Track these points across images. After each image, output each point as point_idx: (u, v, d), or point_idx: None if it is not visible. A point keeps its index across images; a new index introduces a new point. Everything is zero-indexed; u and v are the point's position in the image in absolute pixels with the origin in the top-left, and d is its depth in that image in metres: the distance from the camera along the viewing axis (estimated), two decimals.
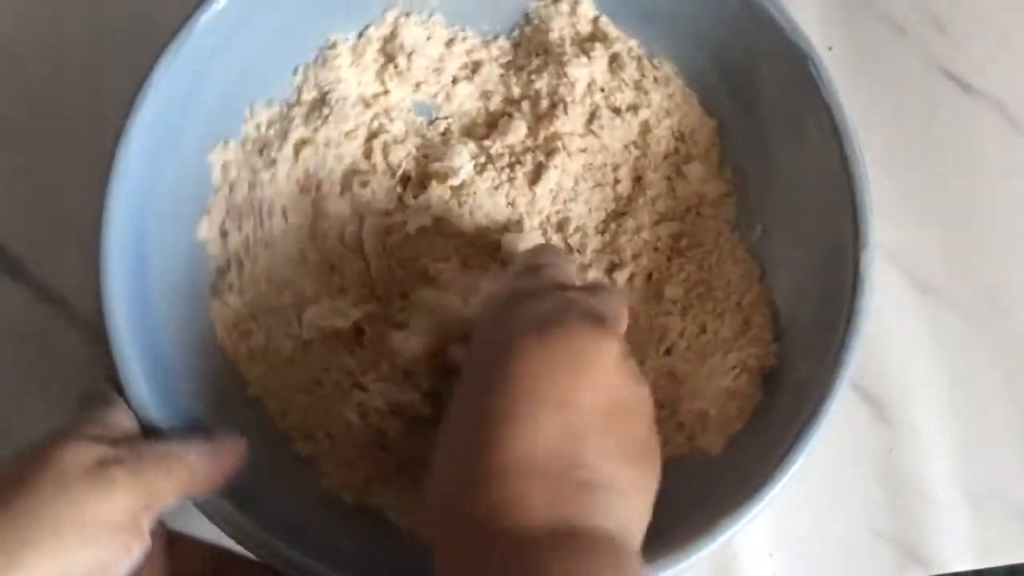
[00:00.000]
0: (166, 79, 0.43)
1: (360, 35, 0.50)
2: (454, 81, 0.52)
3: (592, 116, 0.51)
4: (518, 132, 0.50)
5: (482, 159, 0.50)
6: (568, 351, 0.35)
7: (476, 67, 0.52)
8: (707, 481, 0.44)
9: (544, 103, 0.50)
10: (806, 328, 0.46)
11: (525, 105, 0.51)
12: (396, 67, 0.51)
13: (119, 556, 0.35)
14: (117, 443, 0.37)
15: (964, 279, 0.56)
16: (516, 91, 0.51)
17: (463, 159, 0.50)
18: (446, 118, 0.52)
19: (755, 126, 0.49)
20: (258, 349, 0.46)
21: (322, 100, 0.50)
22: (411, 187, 0.50)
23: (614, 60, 0.51)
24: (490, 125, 0.52)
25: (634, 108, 0.51)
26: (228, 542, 0.41)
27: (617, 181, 0.51)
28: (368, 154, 0.50)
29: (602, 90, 0.51)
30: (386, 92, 0.51)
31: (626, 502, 0.34)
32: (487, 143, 0.51)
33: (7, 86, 0.54)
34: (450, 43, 0.52)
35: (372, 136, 0.50)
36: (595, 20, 0.51)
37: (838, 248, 0.45)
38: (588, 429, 0.34)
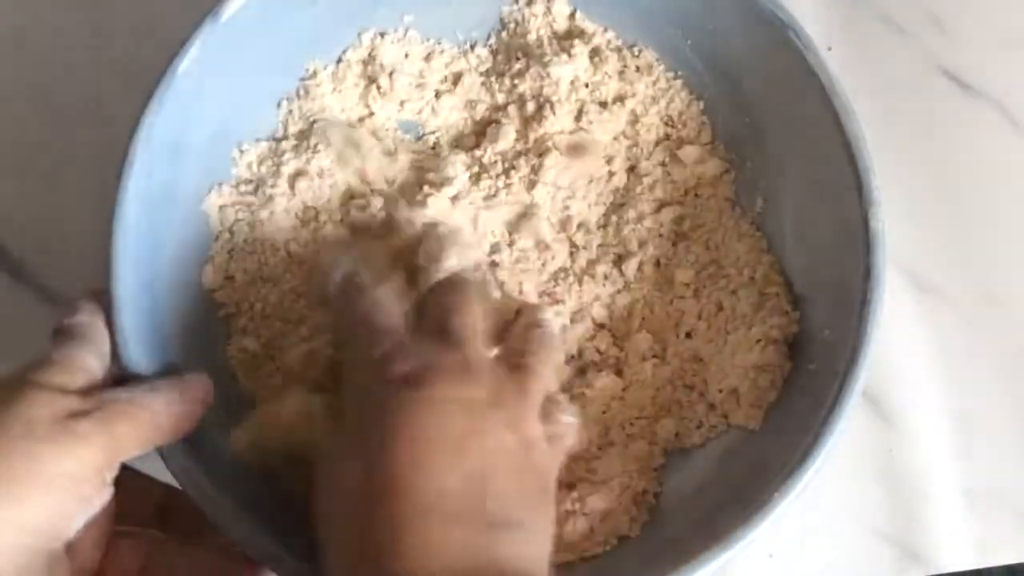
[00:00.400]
0: (153, 131, 0.42)
1: (339, 61, 0.50)
2: (437, 95, 0.52)
3: (580, 112, 0.50)
4: (508, 138, 0.50)
5: (475, 169, 0.50)
6: (437, 405, 0.35)
7: (457, 78, 0.52)
8: (753, 456, 0.44)
9: (530, 106, 0.50)
10: (823, 291, 0.46)
11: (511, 110, 0.51)
12: (379, 88, 0.50)
13: (79, 508, 0.35)
14: (84, 393, 0.37)
15: (964, 279, 0.56)
16: (500, 97, 0.51)
17: (457, 169, 0.49)
18: (433, 132, 0.52)
19: (743, 101, 0.50)
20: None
21: (309, 130, 0.49)
22: (408, 202, 0.50)
23: (595, 54, 0.51)
24: (479, 134, 0.52)
25: (620, 99, 0.51)
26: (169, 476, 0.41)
27: (612, 173, 0.51)
28: (363, 175, 0.49)
29: (586, 86, 0.51)
30: (371, 114, 0.51)
31: (534, 539, 0.35)
32: (478, 152, 0.50)
33: (7, 87, 0.54)
34: (428, 57, 0.51)
35: (366, 156, 0.50)
36: (571, 16, 0.51)
37: (843, 208, 0.45)
38: (488, 471, 0.34)
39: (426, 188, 0.49)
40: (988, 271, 0.56)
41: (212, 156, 0.47)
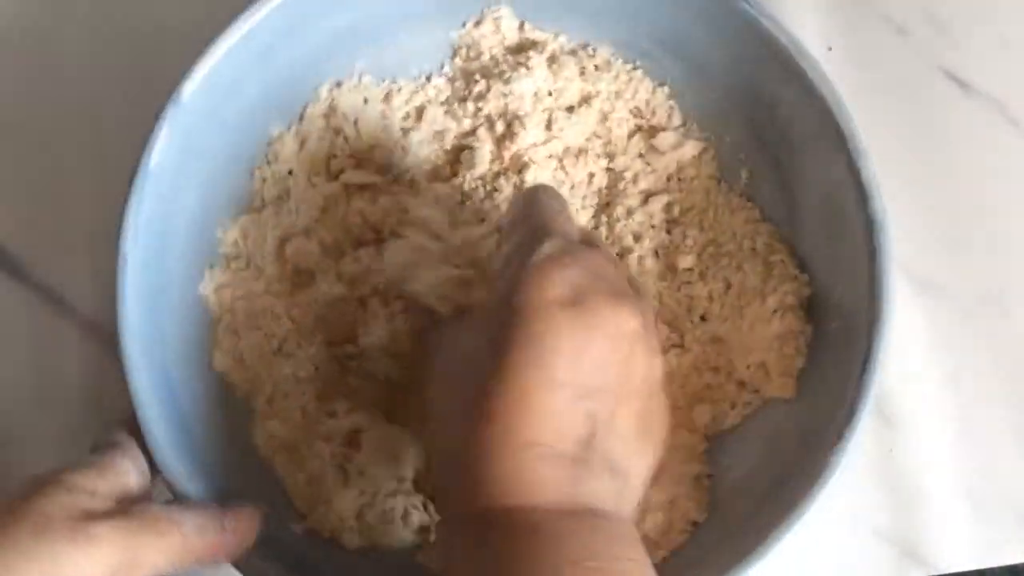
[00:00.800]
0: (139, 229, 0.42)
1: (301, 118, 0.50)
2: (404, 133, 0.51)
3: (549, 122, 0.50)
4: (483, 161, 0.50)
5: (457, 197, 0.50)
6: (592, 332, 0.34)
7: (420, 112, 0.51)
8: (797, 425, 0.44)
9: (499, 125, 0.50)
10: (827, 251, 0.46)
11: (481, 132, 0.50)
12: (345, 138, 0.50)
13: None
14: (114, 499, 0.36)
15: (964, 279, 0.55)
16: (467, 122, 0.51)
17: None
18: (407, 171, 0.51)
19: (707, 77, 0.50)
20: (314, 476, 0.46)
21: (286, 194, 0.49)
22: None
23: (552, 61, 0.51)
24: (454, 163, 0.51)
25: (586, 100, 0.51)
26: None
27: (592, 175, 0.51)
28: (348, 226, 0.49)
29: (550, 94, 0.51)
30: (342, 166, 0.50)
31: (634, 484, 0.35)
32: (457, 181, 0.50)
33: (7, 87, 0.54)
34: (387, 98, 0.51)
35: (346, 207, 0.49)
36: (520, 28, 0.51)
37: (831, 165, 0.45)
38: (608, 411, 0.34)
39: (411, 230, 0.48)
40: (988, 270, 0.55)
41: (199, 238, 0.46)
